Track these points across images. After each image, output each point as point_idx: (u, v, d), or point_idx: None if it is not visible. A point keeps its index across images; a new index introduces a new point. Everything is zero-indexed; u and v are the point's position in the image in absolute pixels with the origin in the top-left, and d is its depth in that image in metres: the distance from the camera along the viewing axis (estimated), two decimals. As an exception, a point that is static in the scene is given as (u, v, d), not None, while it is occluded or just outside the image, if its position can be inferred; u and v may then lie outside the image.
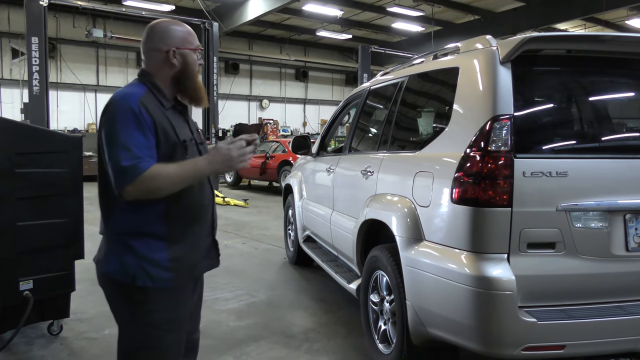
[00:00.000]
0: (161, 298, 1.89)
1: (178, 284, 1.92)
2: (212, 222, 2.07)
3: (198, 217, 1.97)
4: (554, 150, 2.62)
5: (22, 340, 3.62)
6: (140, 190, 1.74)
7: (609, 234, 2.50)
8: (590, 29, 18.65)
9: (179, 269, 1.91)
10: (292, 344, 3.72)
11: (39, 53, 9.68)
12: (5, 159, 3.18)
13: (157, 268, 1.86)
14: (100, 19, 18.93)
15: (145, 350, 1.92)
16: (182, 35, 1.97)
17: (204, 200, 1.99)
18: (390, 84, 3.85)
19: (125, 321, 1.95)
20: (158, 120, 1.83)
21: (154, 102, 1.87)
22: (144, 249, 1.85)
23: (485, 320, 2.37)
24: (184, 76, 1.97)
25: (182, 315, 1.98)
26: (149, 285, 1.85)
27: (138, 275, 1.84)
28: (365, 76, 15.34)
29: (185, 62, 1.96)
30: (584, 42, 2.73)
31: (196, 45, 1.99)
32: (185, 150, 1.90)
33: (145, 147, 1.76)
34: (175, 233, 1.90)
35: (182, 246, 1.92)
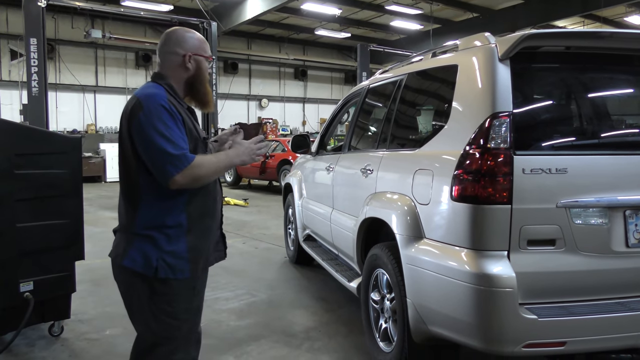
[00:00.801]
0: (180, 288, 2.01)
1: (195, 275, 2.06)
2: (220, 217, 2.23)
3: (211, 209, 2.11)
4: (553, 147, 2.62)
5: (23, 342, 3.62)
6: (187, 178, 1.89)
7: (609, 230, 2.49)
8: (589, 26, 18.65)
9: (196, 260, 2.04)
10: (293, 343, 3.72)
11: (37, 54, 9.67)
12: (5, 160, 3.17)
13: (178, 259, 1.99)
14: (98, 19, 18.92)
15: (165, 340, 2.03)
16: (197, 43, 2.12)
17: (216, 195, 2.15)
18: (389, 82, 3.84)
19: (144, 314, 2.03)
20: (183, 117, 1.99)
21: (175, 102, 2.01)
22: (164, 242, 1.97)
23: (485, 317, 2.37)
24: (197, 80, 2.12)
25: (198, 306, 2.14)
26: (170, 276, 1.97)
27: (160, 268, 1.95)
28: (364, 74, 15.34)
29: (198, 68, 2.11)
30: (582, 39, 2.73)
31: (209, 55, 2.16)
32: (205, 146, 2.10)
33: (182, 140, 1.92)
34: (194, 225, 2.03)
35: (198, 237, 2.05)
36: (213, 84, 12.48)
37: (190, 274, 2.02)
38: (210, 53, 2.17)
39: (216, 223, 2.18)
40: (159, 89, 2.00)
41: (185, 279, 2.01)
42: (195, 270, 2.05)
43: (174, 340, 2.04)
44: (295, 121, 25.27)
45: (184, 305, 2.04)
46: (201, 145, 2.06)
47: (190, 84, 2.11)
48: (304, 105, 25.81)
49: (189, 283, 2.04)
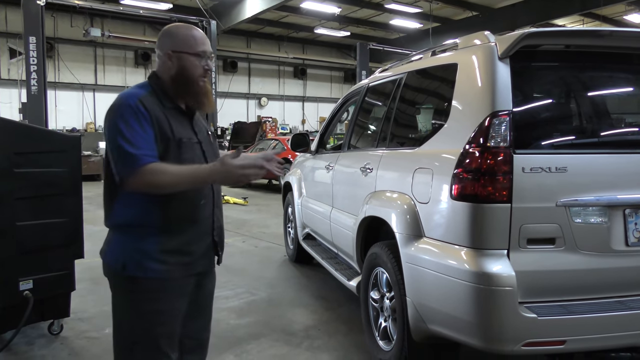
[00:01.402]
0: (149, 288, 1.94)
1: (170, 277, 1.96)
2: (211, 223, 2.09)
3: (191, 215, 2.00)
4: (553, 145, 2.61)
5: (23, 340, 3.62)
6: (139, 182, 1.82)
7: (609, 229, 2.49)
8: (589, 25, 18.65)
9: (169, 263, 1.95)
10: (293, 341, 3.72)
11: (36, 52, 9.65)
12: (4, 159, 3.17)
13: (147, 259, 1.93)
14: (97, 18, 18.89)
15: (136, 339, 1.98)
16: (183, 39, 2.00)
17: (199, 200, 2.02)
18: (388, 81, 3.84)
19: (118, 310, 2.03)
20: (155, 117, 1.90)
21: (154, 101, 1.94)
22: (137, 240, 1.93)
23: (485, 316, 2.37)
24: (180, 80, 1.99)
25: (171, 309, 2.00)
26: (138, 275, 1.93)
27: (128, 264, 1.93)
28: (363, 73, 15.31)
29: (180, 66, 1.98)
30: (582, 37, 2.73)
31: (197, 50, 1.99)
32: (179, 148, 1.94)
33: (144, 140, 1.84)
34: (167, 229, 1.95)
35: (174, 241, 1.96)
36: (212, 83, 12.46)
37: (161, 274, 1.94)
38: (200, 48, 2.00)
39: (201, 229, 2.05)
40: (142, 88, 1.97)
41: (155, 278, 1.93)
42: (166, 271, 1.95)
43: (145, 341, 1.96)
44: (294, 120, 25.26)
45: (153, 306, 1.95)
46: (174, 147, 1.92)
47: (176, 83, 1.99)
48: (303, 104, 25.80)
49: (158, 284, 1.95)
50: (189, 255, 2.01)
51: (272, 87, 24.68)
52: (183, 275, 2.01)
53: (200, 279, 2.13)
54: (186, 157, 1.95)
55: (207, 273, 2.17)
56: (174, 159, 1.91)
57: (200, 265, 2.08)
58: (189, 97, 2.02)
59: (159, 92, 1.99)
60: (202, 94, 2.03)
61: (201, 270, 2.10)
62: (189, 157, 1.97)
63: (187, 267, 2.02)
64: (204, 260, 2.09)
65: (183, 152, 1.95)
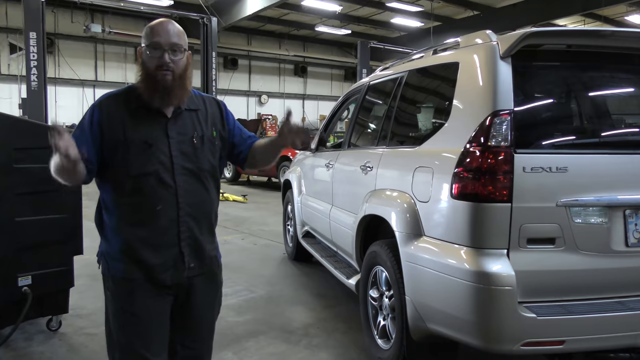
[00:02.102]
0: (117, 287, 1.99)
1: (130, 277, 1.95)
2: (177, 232, 1.95)
3: (146, 222, 1.93)
4: (554, 145, 2.61)
5: (21, 336, 3.61)
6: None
7: (609, 229, 2.49)
8: (590, 25, 18.62)
9: (130, 264, 1.95)
10: (292, 339, 3.72)
11: (37, 48, 9.62)
12: (4, 155, 3.17)
13: (111, 258, 1.99)
14: (98, 14, 18.88)
15: (115, 336, 2.01)
16: (145, 33, 1.92)
17: (154, 206, 1.91)
18: (389, 79, 3.84)
19: (105, 307, 2.08)
20: (109, 118, 1.91)
21: (120, 102, 1.94)
22: (105, 239, 2.02)
23: (484, 315, 2.37)
24: (141, 75, 1.91)
25: (140, 312, 1.95)
26: (107, 273, 2.01)
27: (102, 262, 2.03)
28: (364, 72, 15.29)
29: (141, 61, 1.92)
30: (584, 37, 2.73)
31: (151, 41, 1.88)
32: (127, 148, 1.88)
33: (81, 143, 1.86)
34: (125, 233, 1.95)
35: (133, 246, 1.94)
36: (212, 80, 12.44)
37: (123, 274, 1.94)
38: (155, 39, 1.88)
39: (162, 238, 1.93)
40: (124, 88, 2.02)
41: (120, 278, 1.96)
42: (128, 272, 1.93)
43: (118, 337, 1.98)
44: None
45: (121, 305, 1.96)
46: (122, 148, 1.87)
47: (140, 80, 1.92)
48: (303, 102, 25.79)
49: (124, 283, 1.94)
50: (145, 262, 1.93)
51: (273, 85, 24.67)
52: (147, 280, 1.95)
53: (186, 288, 2.03)
54: (132, 158, 1.88)
55: (194, 282, 2.04)
56: (121, 159, 1.89)
57: (168, 277, 1.96)
58: (150, 92, 1.89)
59: (132, 91, 1.95)
60: (160, 88, 1.87)
61: (170, 283, 1.98)
62: (138, 157, 1.89)
63: (151, 273, 1.94)
64: (171, 272, 1.96)
65: (131, 153, 1.88)
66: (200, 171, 2.00)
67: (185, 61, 1.94)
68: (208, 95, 2.19)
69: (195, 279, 2.04)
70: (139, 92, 1.92)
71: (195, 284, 2.05)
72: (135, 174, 1.89)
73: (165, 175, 1.92)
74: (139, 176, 1.89)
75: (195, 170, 1.99)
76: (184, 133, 1.98)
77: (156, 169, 1.90)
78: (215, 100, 2.18)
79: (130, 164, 1.88)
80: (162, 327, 2.01)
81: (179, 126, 1.97)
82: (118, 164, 1.89)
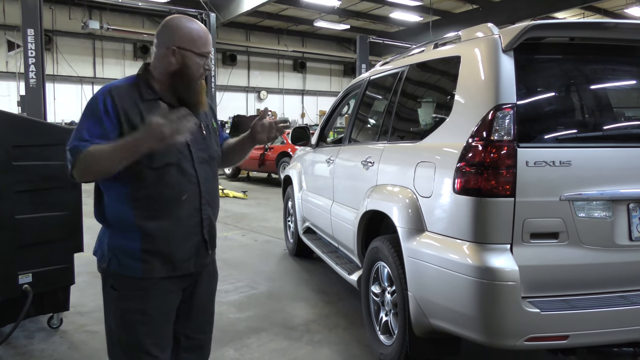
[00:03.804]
0: (131, 286, 1.91)
1: (150, 276, 1.91)
2: (199, 220, 1.98)
3: (172, 213, 1.92)
4: (557, 139, 2.59)
5: (22, 334, 3.61)
6: (80, 170, 1.78)
7: (613, 223, 2.48)
8: (589, 18, 18.58)
9: (152, 262, 1.90)
10: (293, 335, 3.71)
11: (35, 45, 9.60)
12: (3, 152, 3.15)
13: (129, 257, 1.90)
14: (96, 10, 18.82)
15: (121, 336, 1.95)
16: (189, 36, 1.90)
17: (179, 196, 1.92)
18: (390, 74, 3.81)
19: (105, 307, 2.01)
20: (123, 110, 1.83)
21: (130, 93, 1.88)
22: (119, 238, 1.91)
23: (488, 311, 2.36)
24: (179, 77, 1.92)
25: (155, 309, 1.94)
26: (120, 272, 1.91)
27: (112, 261, 1.92)
28: (363, 67, 15.29)
29: (183, 64, 1.90)
30: (587, 30, 2.70)
31: (202, 51, 1.92)
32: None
33: (97, 135, 1.78)
34: (148, 227, 1.88)
35: (156, 240, 1.90)
36: (212, 77, 12.42)
37: (143, 273, 1.90)
38: (206, 49, 1.93)
39: (187, 228, 1.96)
40: (125, 79, 1.94)
41: (137, 278, 1.90)
42: (149, 271, 1.90)
43: (129, 338, 1.93)
44: (294, 113, 25.22)
45: (135, 305, 1.91)
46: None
47: (173, 79, 1.92)
48: (302, 98, 25.76)
49: (141, 283, 1.91)
50: (171, 256, 1.93)
51: (272, 81, 24.63)
52: (168, 276, 1.94)
53: (196, 277, 2.06)
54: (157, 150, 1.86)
55: (203, 272, 2.09)
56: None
57: (190, 266, 2.00)
58: (182, 96, 1.94)
59: (142, 83, 1.92)
60: (195, 94, 1.96)
61: (193, 270, 2.02)
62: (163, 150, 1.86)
63: (171, 267, 1.94)
64: (193, 261, 2.00)
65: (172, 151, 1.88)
66: (211, 159, 2.06)
67: None
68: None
69: (204, 269, 2.09)
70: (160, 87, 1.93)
71: (202, 274, 2.09)
72: (158, 166, 1.87)
73: (187, 165, 1.93)
74: (161, 167, 1.88)
75: (208, 159, 2.03)
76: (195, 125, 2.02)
77: (178, 159, 1.91)
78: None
79: (152, 155, 1.83)
80: (171, 323, 2.02)
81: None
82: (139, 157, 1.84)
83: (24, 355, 3.34)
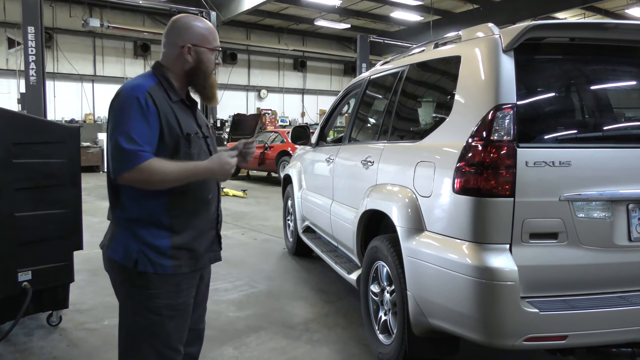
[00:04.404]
0: (162, 284, 1.94)
1: (179, 272, 1.97)
2: (216, 217, 2.13)
3: (200, 210, 2.02)
4: (557, 139, 2.59)
5: (21, 331, 3.61)
6: (135, 178, 1.81)
7: (612, 224, 2.48)
8: (590, 18, 18.58)
9: (181, 258, 1.96)
10: (292, 334, 3.71)
11: (35, 43, 9.59)
12: (3, 150, 3.15)
13: (159, 255, 1.92)
14: (96, 8, 18.81)
15: (147, 335, 1.96)
16: (201, 33, 1.99)
17: (207, 195, 2.04)
18: (390, 74, 3.81)
19: (127, 306, 2.00)
20: (163, 112, 1.88)
21: (161, 95, 1.92)
22: (147, 236, 1.91)
23: (487, 310, 2.36)
24: (196, 73, 2.01)
25: (183, 304, 2.01)
26: (149, 270, 1.91)
27: (140, 261, 1.90)
28: (363, 66, 15.28)
29: (199, 60, 1.99)
30: (587, 30, 2.70)
31: (214, 46, 2.03)
32: (189, 144, 1.94)
33: (147, 137, 1.82)
34: (178, 224, 1.95)
35: (185, 236, 1.97)
36: (213, 75, 12.43)
37: (173, 270, 1.94)
38: (217, 44, 2.04)
39: (208, 223, 2.07)
40: (148, 79, 1.94)
41: (167, 274, 1.93)
42: (178, 267, 1.95)
43: (156, 335, 1.95)
44: (294, 112, 25.21)
45: (165, 302, 1.95)
46: (183, 143, 1.92)
47: (190, 76, 2.01)
48: (303, 97, 25.75)
49: (170, 280, 1.95)
50: (197, 251, 2.02)
51: (272, 80, 24.61)
52: (192, 270, 2.02)
53: (201, 273, 2.15)
54: (194, 152, 1.96)
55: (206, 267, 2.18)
56: (183, 154, 1.92)
57: (207, 259, 2.10)
58: (200, 90, 2.05)
59: (165, 84, 1.95)
60: (211, 88, 2.06)
61: (208, 264, 2.13)
62: (197, 151, 1.97)
63: (196, 261, 2.03)
64: (209, 254, 2.10)
65: (192, 147, 1.95)
66: None
67: None
68: None
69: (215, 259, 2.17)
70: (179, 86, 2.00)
71: None
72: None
73: None
74: None
75: None
76: (204, 123, 2.12)
77: (207, 158, 1.99)
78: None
79: (192, 157, 1.94)
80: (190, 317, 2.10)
81: (199, 117, 2.11)
82: (179, 158, 1.91)
83: (23, 352, 3.34)
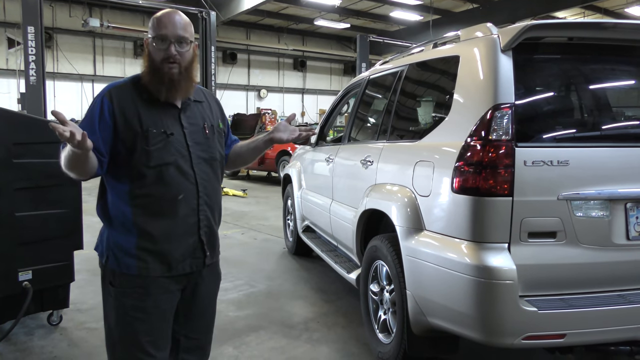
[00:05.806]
0: (128, 284, 1.92)
1: (146, 274, 1.92)
2: (197, 220, 1.97)
3: (166, 212, 1.92)
4: (555, 139, 2.60)
5: (22, 331, 3.62)
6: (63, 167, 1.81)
7: (610, 222, 2.49)
8: (590, 17, 18.60)
9: (147, 260, 1.91)
10: (292, 333, 3.72)
11: (35, 43, 9.58)
12: (3, 150, 3.16)
13: (124, 254, 1.91)
14: (96, 8, 18.82)
15: (118, 333, 1.95)
16: (151, 24, 1.90)
17: (174, 195, 1.91)
18: (389, 73, 3.82)
19: (104, 302, 2.02)
20: (120, 108, 1.87)
21: (128, 92, 1.90)
22: (116, 235, 1.93)
23: (485, 309, 2.37)
24: (149, 66, 1.90)
25: (154, 307, 1.94)
26: (115, 268, 1.93)
27: (110, 258, 1.94)
28: (363, 65, 15.26)
29: (148, 52, 1.91)
30: (586, 30, 2.71)
31: (158, 33, 1.86)
32: (146, 140, 1.87)
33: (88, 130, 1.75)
34: (144, 225, 1.90)
35: (153, 239, 1.91)
36: (212, 74, 12.42)
37: (137, 271, 1.90)
38: (162, 31, 1.86)
39: (182, 227, 1.95)
40: (127, 78, 1.97)
41: (131, 275, 1.90)
42: (144, 269, 1.90)
43: (126, 335, 1.93)
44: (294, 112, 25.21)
45: (131, 302, 1.91)
46: (140, 138, 1.85)
47: (146, 72, 1.91)
48: (302, 96, 25.76)
49: (136, 280, 1.91)
50: (167, 255, 1.93)
51: (272, 79, 24.63)
52: (164, 275, 1.94)
53: (196, 278, 2.05)
54: (153, 148, 1.87)
55: (202, 273, 2.06)
56: (140, 150, 1.86)
57: (187, 265, 1.99)
58: (157, 85, 1.89)
59: (139, 83, 1.93)
60: (166, 81, 1.87)
61: (189, 270, 2.00)
62: (158, 147, 1.88)
63: (167, 266, 1.94)
64: (189, 261, 1.99)
65: (150, 144, 1.87)
66: (212, 160, 2.04)
67: (192, 53, 1.94)
68: (207, 90, 2.22)
69: (204, 269, 2.07)
70: (144, 83, 1.91)
71: (203, 274, 2.08)
72: (155, 164, 1.88)
73: (185, 165, 1.93)
74: (159, 166, 1.89)
75: (209, 160, 2.02)
76: (195, 123, 2.01)
77: (175, 158, 1.91)
78: (214, 96, 2.25)
79: (150, 154, 1.87)
80: (169, 322, 2.01)
81: (189, 116, 2.00)
82: (136, 155, 1.86)
83: (23, 351, 3.35)
